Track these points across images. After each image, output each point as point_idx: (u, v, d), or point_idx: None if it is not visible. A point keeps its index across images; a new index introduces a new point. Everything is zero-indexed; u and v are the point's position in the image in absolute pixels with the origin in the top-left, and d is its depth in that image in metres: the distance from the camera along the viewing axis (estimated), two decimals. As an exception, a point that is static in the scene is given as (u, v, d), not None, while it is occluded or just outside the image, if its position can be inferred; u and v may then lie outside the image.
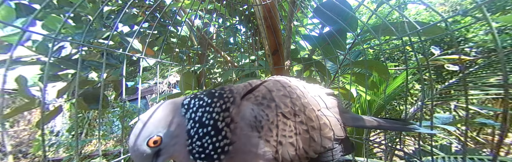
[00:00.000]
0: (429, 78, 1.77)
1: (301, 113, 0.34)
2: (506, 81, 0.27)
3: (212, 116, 0.30)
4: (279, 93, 0.35)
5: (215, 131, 0.29)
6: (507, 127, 0.29)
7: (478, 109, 1.54)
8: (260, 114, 0.32)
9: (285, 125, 0.32)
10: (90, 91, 0.68)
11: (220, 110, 0.31)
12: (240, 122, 0.31)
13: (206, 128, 0.29)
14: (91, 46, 0.47)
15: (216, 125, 0.30)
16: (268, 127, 0.31)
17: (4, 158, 2.55)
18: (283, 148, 0.32)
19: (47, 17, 0.59)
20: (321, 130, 0.35)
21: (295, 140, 0.32)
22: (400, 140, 0.57)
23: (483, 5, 0.25)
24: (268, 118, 0.32)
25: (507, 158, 0.86)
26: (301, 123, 0.34)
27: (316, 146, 0.34)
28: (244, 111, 0.32)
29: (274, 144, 0.31)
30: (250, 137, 0.31)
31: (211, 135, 0.29)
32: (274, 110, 0.33)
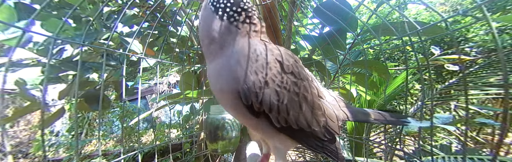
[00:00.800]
0: (429, 78, 1.77)
1: (301, 82, 0.33)
2: (506, 80, 0.27)
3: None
4: (291, 62, 0.34)
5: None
6: (507, 127, 0.29)
7: (478, 109, 1.54)
8: (260, 51, 0.31)
9: (279, 74, 0.31)
10: (91, 92, 0.68)
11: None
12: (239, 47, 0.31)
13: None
14: (92, 46, 0.47)
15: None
16: (261, 63, 0.30)
17: (4, 158, 2.55)
18: (268, 90, 0.30)
19: (48, 19, 0.59)
20: (313, 108, 0.34)
21: (281, 91, 0.31)
22: (400, 140, 0.57)
23: (483, 5, 0.25)
24: (266, 57, 0.31)
25: (507, 158, 0.86)
26: (295, 84, 0.32)
27: (299, 114, 0.33)
28: (250, 42, 0.32)
29: (261, 79, 0.30)
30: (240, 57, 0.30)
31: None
32: (276, 57, 0.32)
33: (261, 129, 0.35)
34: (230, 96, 0.31)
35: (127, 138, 2.41)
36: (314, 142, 0.35)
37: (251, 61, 0.30)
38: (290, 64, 0.33)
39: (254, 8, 0.35)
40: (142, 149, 0.55)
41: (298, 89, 0.33)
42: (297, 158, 1.63)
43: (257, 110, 0.31)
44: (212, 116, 0.60)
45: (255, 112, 0.31)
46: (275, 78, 0.31)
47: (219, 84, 0.32)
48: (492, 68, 1.47)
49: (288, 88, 0.32)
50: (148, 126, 3.03)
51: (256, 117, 0.32)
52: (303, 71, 0.35)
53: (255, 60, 0.30)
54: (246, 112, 0.32)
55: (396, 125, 0.42)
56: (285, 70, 0.32)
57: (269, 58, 0.31)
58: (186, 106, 1.15)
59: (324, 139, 0.35)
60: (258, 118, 0.32)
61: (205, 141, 0.69)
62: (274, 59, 0.32)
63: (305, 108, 0.33)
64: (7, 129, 2.96)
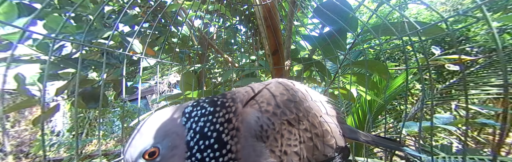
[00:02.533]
0: (430, 78, 1.77)
1: (305, 119, 0.34)
2: (506, 80, 0.27)
3: (215, 127, 0.28)
4: (283, 98, 0.34)
5: (219, 144, 0.27)
6: (507, 127, 0.29)
7: (479, 109, 1.54)
8: (266, 123, 0.30)
9: (290, 134, 0.31)
10: (88, 90, 0.68)
11: (224, 120, 0.29)
12: (245, 132, 0.30)
13: (208, 140, 0.27)
14: (92, 46, 0.48)
15: (220, 137, 0.28)
16: (274, 136, 0.30)
17: (5, 158, 2.56)
18: (288, 157, 0.30)
19: (48, 16, 0.59)
20: (323, 137, 0.34)
21: (299, 148, 0.31)
22: (400, 140, 0.57)
23: (483, 5, 0.25)
24: (274, 126, 0.30)
25: (508, 158, 0.86)
26: (305, 130, 0.33)
27: (318, 154, 0.33)
28: (249, 119, 0.31)
29: (279, 154, 0.30)
30: (255, 147, 0.29)
31: (214, 148, 0.27)
32: (280, 117, 0.32)
33: None
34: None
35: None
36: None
37: (264, 137, 0.29)
38: (295, 115, 0.32)
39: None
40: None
41: (309, 133, 0.32)
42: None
43: None
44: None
45: None
46: (289, 141, 0.30)
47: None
48: (493, 68, 1.47)
49: (302, 140, 0.31)
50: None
51: None
52: (303, 101, 0.34)
53: (266, 138, 0.29)
54: None
55: (392, 150, 0.41)
56: (293, 124, 0.32)
57: (277, 126, 0.30)
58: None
59: (335, 156, 0.35)
60: None
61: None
62: (280, 123, 0.31)
63: (319, 144, 0.33)
64: (8, 129, 2.96)
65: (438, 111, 2.08)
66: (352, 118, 1.52)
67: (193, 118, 0.29)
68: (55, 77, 0.64)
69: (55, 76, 0.64)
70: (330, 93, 1.07)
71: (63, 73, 0.67)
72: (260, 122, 0.30)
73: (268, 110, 0.32)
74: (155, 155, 0.26)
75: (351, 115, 1.54)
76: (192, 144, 0.27)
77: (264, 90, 0.36)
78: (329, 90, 0.94)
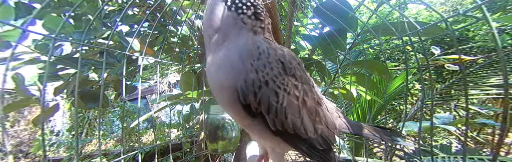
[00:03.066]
0: (429, 78, 1.77)
1: (305, 85, 0.33)
2: (506, 80, 0.27)
3: None
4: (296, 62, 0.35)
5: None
6: (507, 127, 0.29)
7: (478, 109, 1.54)
8: (264, 49, 0.30)
9: (289, 80, 0.31)
10: (87, 89, 0.68)
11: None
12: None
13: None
14: (92, 46, 0.47)
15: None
16: (271, 65, 0.30)
17: (5, 158, 2.55)
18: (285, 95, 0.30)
19: (47, 16, 0.59)
20: (321, 105, 0.34)
21: (297, 94, 0.31)
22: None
23: (483, 5, 0.25)
24: (269, 55, 0.30)
25: (507, 158, 0.86)
26: (303, 89, 0.32)
27: (315, 117, 0.33)
28: (252, 40, 0.31)
29: (279, 91, 0.29)
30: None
31: None
32: (288, 72, 0.31)
33: (256, 130, 0.33)
34: (228, 92, 0.30)
35: (127, 137, 2.42)
36: (310, 149, 0.33)
37: (253, 58, 0.29)
38: (293, 66, 0.32)
39: (262, 5, 0.34)
40: (143, 149, 0.55)
41: (299, 92, 0.31)
42: (297, 158, 1.63)
43: (254, 110, 0.30)
44: (212, 116, 0.60)
45: (251, 112, 0.30)
46: (276, 78, 0.30)
47: (217, 79, 0.31)
48: (492, 68, 1.47)
49: (288, 90, 0.30)
50: (148, 125, 3.03)
51: (252, 117, 0.31)
52: (305, 75, 0.34)
53: (257, 58, 0.29)
54: (243, 111, 0.31)
55: (386, 142, 0.42)
56: (287, 72, 0.31)
57: (272, 58, 0.30)
58: (186, 105, 1.15)
59: (320, 149, 0.33)
60: (254, 118, 0.31)
61: (205, 141, 0.69)
62: (277, 60, 0.30)
63: (304, 113, 0.32)
64: (8, 128, 2.96)
65: (438, 111, 2.08)
66: (352, 118, 1.52)
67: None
68: (55, 78, 0.64)
69: (55, 77, 0.64)
70: (330, 93, 1.07)
71: (63, 74, 0.67)
72: (259, 45, 0.31)
73: (275, 48, 0.32)
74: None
75: (351, 115, 1.54)
76: None
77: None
78: (329, 90, 0.94)
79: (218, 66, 0.31)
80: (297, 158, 1.60)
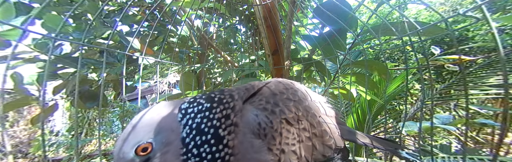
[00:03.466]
0: (429, 78, 1.77)
1: (304, 118, 0.33)
2: (506, 80, 0.27)
3: (212, 123, 0.27)
4: (282, 96, 0.34)
5: (215, 139, 0.27)
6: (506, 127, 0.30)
7: (478, 109, 1.54)
8: (264, 121, 0.30)
9: (289, 133, 0.31)
10: (86, 89, 0.68)
11: (221, 116, 0.28)
12: (243, 128, 0.30)
13: (205, 135, 0.27)
14: (91, 46, 0.47)
15: (217, 132, 0.27)
16: (272, 134, 0.30)
17: (4, 158, 2.55)
18: (286, 156, 0.30)
19: (47, 15, 0.59)
20: (322, 137, 0.34)
21: (297, 148, 0.31)
22: (400, 140, 0.57)
23: (483, 5, 0.25)
24: (272, 125, 0.30)
25: (507, 158, 0.86)
26: (304, 129, 0.33)
27: (317, 154, 0.33)
28: (248, 116, 0.31)
29: (277, 152, 0.30)
30: (253, 143, 0.29)
31: (211, 143, 0.26)
32: (279, 116, 0.31)
33: None
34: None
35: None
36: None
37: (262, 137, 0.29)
38: (294, 114, 0.32)
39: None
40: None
41: (308, 132, 0.32)
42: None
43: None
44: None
45: None
46: (287, 140, 0.30)
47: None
48: (491, 68, 1.47)
49: (301, 140, 0.31)
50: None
51: None
52: (303, 101, 0.34)
53: (264, 135, 0.29)
54: None
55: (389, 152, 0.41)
56: (291, 123, 0.31)
57: (275, 124, 0.30)
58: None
59: (334, 156, 0.35)
60: None
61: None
62: (278, 121, 0.31)
63: (318, 144, 0.33)
64: (7, 128, 2.96)
65: (437, 111, 2.08)
66: (352, 118, 1.52)
67: (189, 114, 0.28)
68: (54, 77, 0.63)
69: (55, 76, 0.63)
70: (330, 93, 1.07)
71: (62, 73, 0.67)
72: (259, 119, 0.30)
73: (266, 108, 0.32)
74: (148, 150, 0.25)
75: (351, 115, 1.54)
76: (188, 140, 0.27)
77: (264, 88, 0.36)
78: (329, 90, 0.94)
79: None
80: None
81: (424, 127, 0.86)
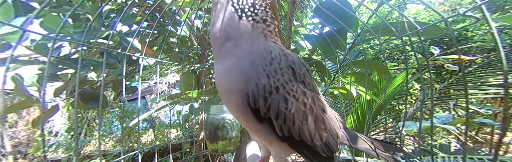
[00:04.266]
0: (429, 78, 1.78)
1: (315, 95, 0.34)
2: (506, 80, 0.27)
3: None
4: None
5: None
6: (506, 126, 0.30)
7: (477, 108, 1.55)
8: (278, 55, 0.31)
9: (298, 87, 0.31)
10: (87, 90, 0.68)
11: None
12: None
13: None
14: (91, 46, 0.47)
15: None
16: (282, 72, 0.30)
17: (4, 159, 2.54)
18: (296, 104, 0.30)
19: (46, 16, 0.58)
20: (323, 122, 0.34)
21: (305, 104, 0.31)
22: (400, 140, 0.57)
23: (482, 5, 0.25)
24: (281, 62, 0.31)
25: (506, 158, 0.86)
26: (312, 98, 0.33)
27: (313, 129, 0.33)
28: (266, 46, 0.32)
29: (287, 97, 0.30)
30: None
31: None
32: (298, 79, 0.32)
33: (262, 134, 0.33)
34: (238, 97, 0.30)
35: (127, 138, 2.41)
36: (314, 156, 0.34)
37: (265, 63, 0.29)
38: (302, 73, 0.32)
39: (268, 10, 0.35)
40: (142, 149, 0.55)
41: (307, 99, 0.32)
42: (297, 157, 1.63)
43: (263, 115, 0.30)
44: (212, 116, 0.60)
45: (260, 116, 0.30)
46: (286, 85, 0.30)
47: (227, 83, 0.31)
48: (491, 68, 1.48)
49: (297, 97, 0.31)
50: (147, 126, 3.02)
51: (259, 121, 0.31)
52: (312, 82, 0.34)
53: (269, 63, 0.30)
54: (251, 115, 0.31)
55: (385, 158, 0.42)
56: (297, 78, 0.31)
57: (283, 64, 0.30)
58: (185, 105, 1.15)
59: (323, 156, 0.34)
60: (261, 123, 0.31)
61: (205, 141, 0.69)
62: (288, 66, 0.31)
63: (310, 120, 0.32)
64: (6, 129, 2.95)
65: (437, 110, 2.08)
66: (351, 117, 1.52)
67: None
68: (54, 78, 0.63)
69: (54, 77, 0.63)
70: (330, 93, 1.07)
71: (62, 74, 0.66)
72: (272, 51, 0.31)
73: (286, 54, 0.32)
74: None
75: (351, 114, 1.54)
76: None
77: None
78: (329, 89, 0.94)
79: (228, 72, 0.31)
80: (297, 158, 1.60)
81: (424, 127, 0.86)
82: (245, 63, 0.30)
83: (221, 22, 0.33)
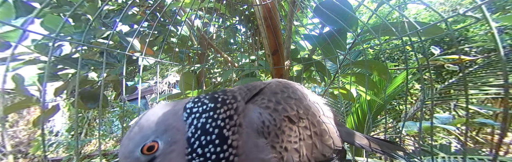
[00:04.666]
0: (429, 78, 1.77)
1: (305, 116, 0.34)
2: (507, 80, 0.27)
3: (217, 123, 0.27)
4: (284, 95, 0.35)
5: (220, 139, 0.27)
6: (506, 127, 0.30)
7: (478, 109, 1.55)
8: (268, 119, 0.31)
9: (291, 130, 0.31)
10: (87, 90, 0.68)
11: (225, 116, 0.28)
12: (247, 128, 0.30)
13: (210, 135, 0.27)
14: (91, 46, 0.47)
15: (221, 133, 0.27)
16: (275, 132, 0.30)
17: (4, 158, 2.55)
18: (288, 154, 0.31)
19: (46, 16, 0.59)
20: (322, 136, 0.34)
21: (299, 145, 0.31)
22: (400, 140, 0.57)
23: (483, 5, 0.25)
24: (276, 122, 0.31)
25: (506, 158, 0.86)
26: (305, 128, 0.33)
27: (317, 153, 0.33)
28: (251, 115, 0.31)
29: (280, 150, 0.30)
30: (257, 143, 0.29)
31: (216, 144, 0.26)
32: (281, 113, 0.32)
33: None
34: None
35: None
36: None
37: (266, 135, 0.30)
38: (295, 112, 0.32)
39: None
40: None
41: (309, 131, 0.32)
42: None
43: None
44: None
45: None
46: (289, 138, 0.30)
47: None
48: (491, 68, 1.47)
49: (302, 138, 0.32)
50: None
51: None
52: (303, 99, 0.35)
53: (268, 134, 0.30)
54: None
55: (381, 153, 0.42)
56: (293, 121, 0.32)
57: (278, 122, 0.31)
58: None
59: (333, 157, 0.35)
60: None
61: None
62: (281, 119, 0.31)
63: (318, 143, 0.33)
64: (7, 128, 2.95)
65: (437, 110, 2.08)
66: (352, 118, 1.52)
67: (194, 113, 0.28)
68: (54, 78, 0.63)
69: (55, 77, 0.63)
70: (330, 93, 1.07)
71: (62, 74, 0.66)
72: (262, 118, 0.30)
73: (269, 106, 0.32)
74: (154, 149, 0.25)
75: (351, 115, 1.54)
76: (193, 140, 0.27)
77: (265, 88, 0.36)
78: (329, 90, 0.94)
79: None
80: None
81: (424, 127, 0.86)
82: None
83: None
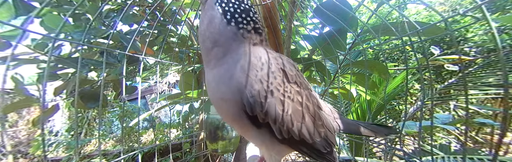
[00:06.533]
0: (429, 78, 1.78)
1: (300, 85, 0.34)
2: (506, 80, 0.27)
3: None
4: (290, 61, 0.36)
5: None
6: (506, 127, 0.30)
7: (477, 109, 1.55)
8: (267, 58, 0.31)
9: (283, 83, 0.31)
10: (87, 89, 0.68)
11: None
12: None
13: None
14: (91, 46, 0.47)
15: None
16: (268, 71, 0.30)
17: (4, 158, 2.55)
18: (273, 99, 0.30)
19: (46, 15, 0.58)
20: (320, 108, 0.35)
21: (286, 102, 0.31)
22: (400, 140, 0.57)
23: (483, 5, 0.25)
24: (271, 65, 0.31)
25: (506, 158, 0.86)
26: (297, 92, 0.33)
27: (303, 126, 0.32)
28: (257, 52, 0.31)
29: (266, 88, 0.29)
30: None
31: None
32: (280, 65, 0.32)
33: (261, 140, 0.33)
34: (232, 105, 0.30)
35: (127, 137, 2.41)
36: (314, 152, 0.34)
37: (256, 69, 0.29)
38: (294, 74, 0.33)
39: (260, 18, 0.34)
40: (142, 149, 0.55)
41: (301, 98, 0.32)
42: (297, 157, 1.63)
43: (261, 121, 0.30)
44: (212, 116, 0.60)
45: (257, 123, 0.30)
46: (279, 87, 0.30)
47: (220, 92, 0.31)
48: (491, 68, 1.47)
49: (292, 98, 0.31)
50: (147, 125, 3.03)
51: (257, 128, 0.31)
52: (304, 81, 0.35)
53: (260, 69, 0.30)
54: (248, 122, 0.31)
55: (384, 137, 0.45)
56: (289, 79, 0.32)
57: (274, 67, 0.30)
58: (185, 105, 1.15)
59: (324, 152, 0.34)
60: (259, 129, 0.31)
61: (205, 141, 0.69)
62: (279, 68, 0.31)
63: (308, 118, 0.32)
64: (6, 128, 2.95)
65: (437, 110, 2.08)
66: (352, 117, 1.52)
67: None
68: (54, 78, 0.63)
69: (54, 76, 0.63)
70: (330, 93, 1.07)
71: (62, 73, 0.66)
72: (261, 56, 0.31)
73: (275, 57, 0.33)
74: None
75: (351, 114, 1.54)
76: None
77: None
78: (329, 89, 0.94)
79: (219, 80, 0.31)
80: (297, 158, 1.60)
81: (424, 127, 0.86)
82: (236, 71, 0.29)
83: (209, 24, 0.32)
